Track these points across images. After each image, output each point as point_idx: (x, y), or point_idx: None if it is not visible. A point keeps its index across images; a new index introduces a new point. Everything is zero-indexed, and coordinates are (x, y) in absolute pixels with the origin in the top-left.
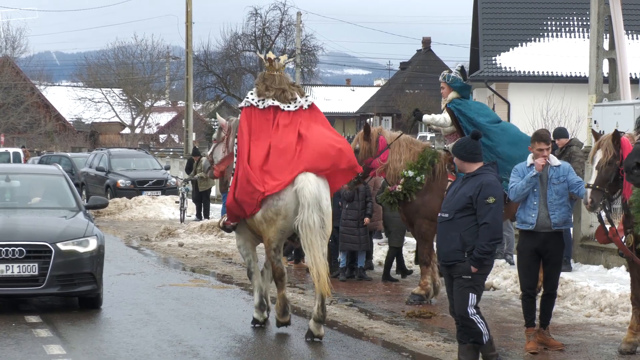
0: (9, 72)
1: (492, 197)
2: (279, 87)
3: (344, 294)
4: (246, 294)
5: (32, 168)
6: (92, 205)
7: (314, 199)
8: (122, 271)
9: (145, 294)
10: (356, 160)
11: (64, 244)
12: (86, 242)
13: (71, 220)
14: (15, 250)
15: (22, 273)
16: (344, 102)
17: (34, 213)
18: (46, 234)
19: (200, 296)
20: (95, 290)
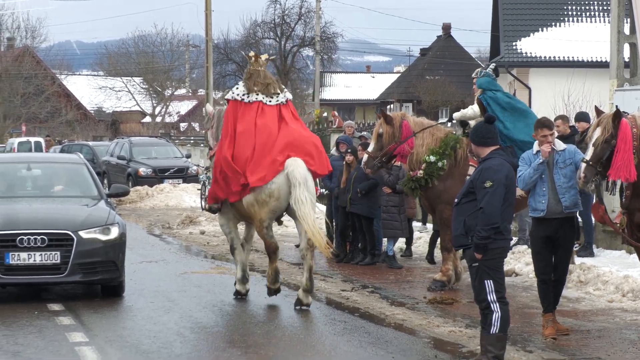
0: (30, 62)
1: (489, 181)
2: (264, 82)
3: (365, 280)
4: None
5: (53, 157)
6: (113, 194)
7: (304, 178)
8: (144, 259)
9: (167, 281)
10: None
11: (86, 232)
12: (108, 230)
13: (93, 209)
14: (37, 238)
15: (45, 261)
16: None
17: (55, 201)
18: (68, 222)
19: (222, 283)
20: (117, 278)
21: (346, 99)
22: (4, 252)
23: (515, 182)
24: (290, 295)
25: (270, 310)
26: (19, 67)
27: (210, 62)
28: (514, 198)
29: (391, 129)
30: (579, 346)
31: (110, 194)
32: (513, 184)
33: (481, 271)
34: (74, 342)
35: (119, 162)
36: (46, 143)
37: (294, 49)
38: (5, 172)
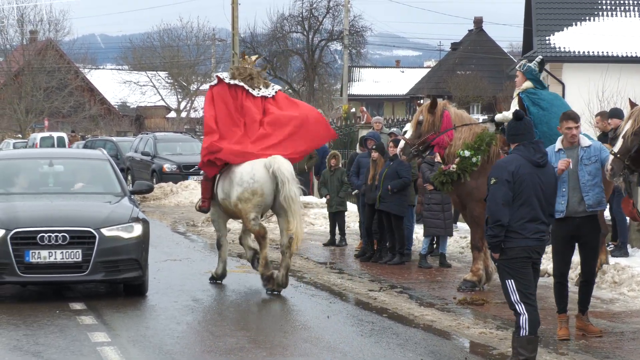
0: (53, 55)
1: (494, 178)
2: (248, 75)
3: (393, 280)
4: (293, 280)
5: (75, 152)
6: (137, 190)
7: (291, 174)
8: (168, 257)
9: (191, 280)
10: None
11: (108, 230)
12: (131, 228)
13: (115, 206)
14: (58, 236)
15: (66, 259)
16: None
17: (77, 198)
18: (90, 220)
19: (247, 283)
20: (140, 277)
21: (375, 94)
22: (24, 250)
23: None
24: (317, 295)
25: (296, 311)
26: (41, 61)
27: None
28: (529, 195)
29: (432, 118)
30: (612, 348)
31: (133, 191)
32: (524, 180)
33: (501, 271)
34: (96, 342)
35: (143, 158)
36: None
37: (321, 43)
38: (26, 168)
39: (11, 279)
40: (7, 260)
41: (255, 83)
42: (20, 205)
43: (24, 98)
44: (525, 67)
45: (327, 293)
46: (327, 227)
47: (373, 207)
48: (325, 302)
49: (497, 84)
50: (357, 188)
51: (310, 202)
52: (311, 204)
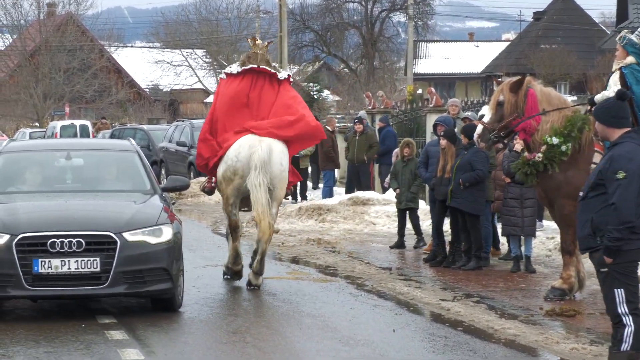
0: (74, 32)
1: (622, 172)
2: (259, 62)
3: (469, 288)
4: (353, 289)
5: (98, 143)
6: (169, 187)
7: (262, 162)
8: (208, 262)
9: (235, 288)
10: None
11: (132, 234)
12: (159, 232)
13: (142, 206)
14: (72, 242)
15: (81, 269)
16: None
17: (97, 197)
18: (110, 222)
19: (300, 291)
20: (170, 290)
21: (445, 72)
22: (32, 259)
23: None
24: (381, 306)
25: (357, 324)
26: (61, 38)
27: (285, 31)
28: None
29: (514, 98)
30: None
31: (165, 188)
32: None
33: (611, 278)
34: (128, 359)
35: (179, 149)
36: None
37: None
38: (40, 162)
39: (17, 293)
40: (12, 271)
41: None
42: (28, 205)
43: (41, 81)
44: (626, 40)
45: (392, 303)
46: (390, 226)
47: (444, 203)
48: (390, 314)
49: (587, 60)
50: (425, 181)
51: (371, 199)
52: (372, 200)
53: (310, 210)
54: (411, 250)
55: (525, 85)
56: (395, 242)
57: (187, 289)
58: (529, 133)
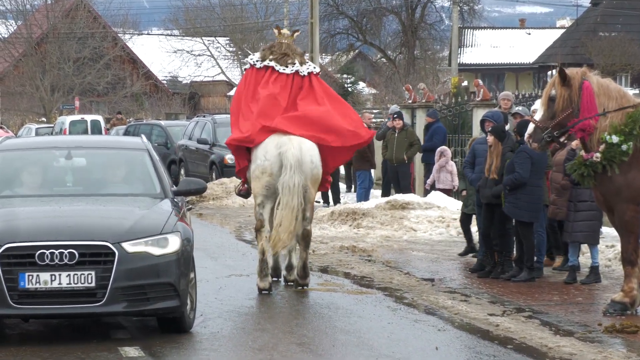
0: (85, 18)
1: None
2: (282, 52)
3: (520, 302)
4: (391, 302)
5: (104, 141)
6: (183, 191)
7: (297, 161)
8: (232, 272)
9: (262, 301)
10: (363, 137)
11: (133, 244)
12: (164, 241)
13: (147, 212)
14: (64, 253)
15: (74, 284)
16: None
17: (98, 202)
18: (108, 231)
19: (332, 304)
20: (177, 308)
21: (493, 62)
22: (19, 272)
23: None
24: (422, 321)
25: (396, 340)
26: (70, 25)
27: (316, 17)
28: None
29: (567, 92)
30: None
31: (178, 191)
32: None
33: None
34: None
35: (200, 147)
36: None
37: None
38: (37, 162)
39: (1, 312)
40: None
41: (288, 60)
42: (16, 212)
43: (49, 72)
44: None
45: (435, 318)
46: (432, 233)
47: (491, 207)
48: (432, 330)
49: None
50: (471, 183)
51: (411, 202)
52: (412, 203)
53: (344, 214)
54: (455, 259)
55: (579, 77)
56: (464, 249)
57: (209, 302)
58: (587, 132)
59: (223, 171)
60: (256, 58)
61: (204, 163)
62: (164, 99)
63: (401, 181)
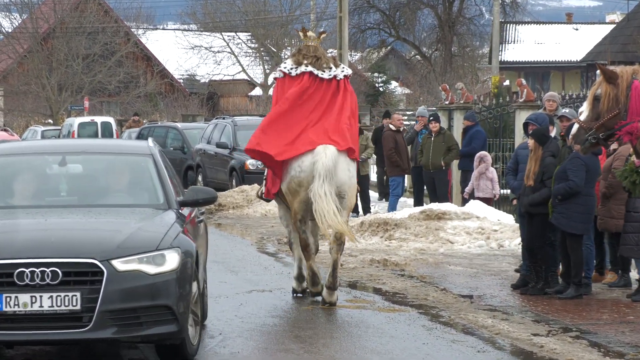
0: (95, 12)
1: None
2: (314, 55)
3: (567, 321)
4: (426, 320)
5: (104, 145)
6: (190, 201)
7: (326, 171)
8: (253, 287)
9: (286, 318)
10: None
11: (124, 261)
12: (160, 258)
13: (143, 224)
14: (46, 272)
15: (57, 307)
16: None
17: (90, 214)
18: (97, 246)
19: (363, 322)
20: (176, 334)
21: (537, 60)
22: None
23: None
24: (460, 341)
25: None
26: (79, 19)
27: (345, 11)
28: None
29: (614, 91)
30: None
31: (185, 202)
32: None
33: None
34: None
35: (219, 152)
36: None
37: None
38: (27, 169)
39: None
40: None
41: (322, 64)
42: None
43: (56, 70)
44: None
45: (474, 338)
46: (471, 245)
47: (532, 217)
48: (471, 351)
49: None
50: (512, 191)
51: (448, 212)
52: (449, 214)
53: (375, 225)
54: (496, 274)
55: (628, 76)
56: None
57: (229, 319)
58: (635, 135)
59: (244, 178)
60: (290, 65)
61: (224, 169)
62: (181, 100)
63: (438, 189)
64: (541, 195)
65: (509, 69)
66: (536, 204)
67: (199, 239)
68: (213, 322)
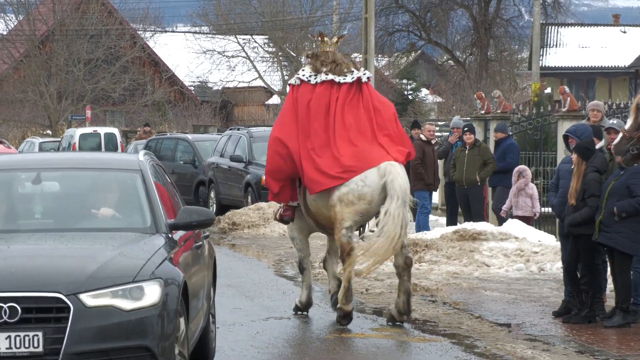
0: (98, 13)
1: None
2: (332, 60)
3: (613, 351)
4: (460, 351)
5: (86, 159)
6: (182, 224)
7: (404, 193)
8: (270, 314)
9: (305, 347)
10: None
11: (94, 295)
12: (138, 292)
13: (121, 251)
14: (2, 308)
15: (15, 349)
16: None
17: (64, 239)
18: (62, 278)
19: (390, 353)
20: None
21: (581, 65)
22: None
23: None
24: None
25: None
26: (81, 21)
27: (372, 12)
28: None
29: None
30: None
31: (176, 225)
32: None
33: None
34: None
35: (233, 166)
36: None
37: None
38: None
39: None
40: None
41: (343, 68)
42: None
43: (55, 76)
44: None
45: None
46: (508, 269)
47: (575, 238)
48: None
49: None
50: (553, 209)
51: (484, 232)
52: (484, 234)
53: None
54: (536, 300)
55: None
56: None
57: (244, 349)
58: None
59: (260, 194)
60: (308, 73)
61: (238, 184)
62: (191, 109)
63: (472, 207)
64: (582, 215)
65: (551, 75)
66: (576, 224)
67: (195, 267)
68: (226, 352)
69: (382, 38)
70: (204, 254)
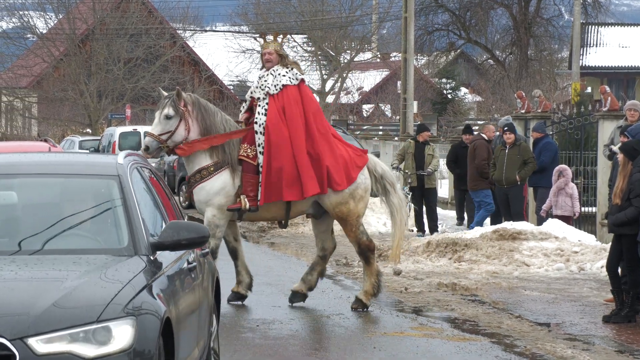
0: (138, 12)
1: None
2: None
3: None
4: (499, 350)
5: (53, 162)
6: (167, 243)
7: (395, 178)
8: (309, 312)
9: (345, 345)
10: None
11: (46, 340)
12: (103, 334)
13: (84, 281)
14: None
15: None
16: None
17: (11, 267)
18: (6, 318)
19: (429, 352)
20: None
21: (622, 65)
22: None
23: None
24: None
25: None
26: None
27: (411, 11)
28: None
29: None
30: None
31: (159, 244)
32: None
33: None
34: None
35: None
36: None
37: None
38: None
39: None
40: None
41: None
42: None
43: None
44: None
45: None
46: (548, 268)
47: (619, 237)
48: None
49: None
50: None
51: (524, 232)
52: (524, 233)
53: (443, 245)
54: (576, 300)
55: None
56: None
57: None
58: None
59: None
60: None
61: None
62: (231, 108)
63: (512, 206)
64: (627, 215)
65: (591, 74)
66: (620, 223)
67: (186, 295)
68: (266, 351)
69: (421, 37)
70: (198, 276)
